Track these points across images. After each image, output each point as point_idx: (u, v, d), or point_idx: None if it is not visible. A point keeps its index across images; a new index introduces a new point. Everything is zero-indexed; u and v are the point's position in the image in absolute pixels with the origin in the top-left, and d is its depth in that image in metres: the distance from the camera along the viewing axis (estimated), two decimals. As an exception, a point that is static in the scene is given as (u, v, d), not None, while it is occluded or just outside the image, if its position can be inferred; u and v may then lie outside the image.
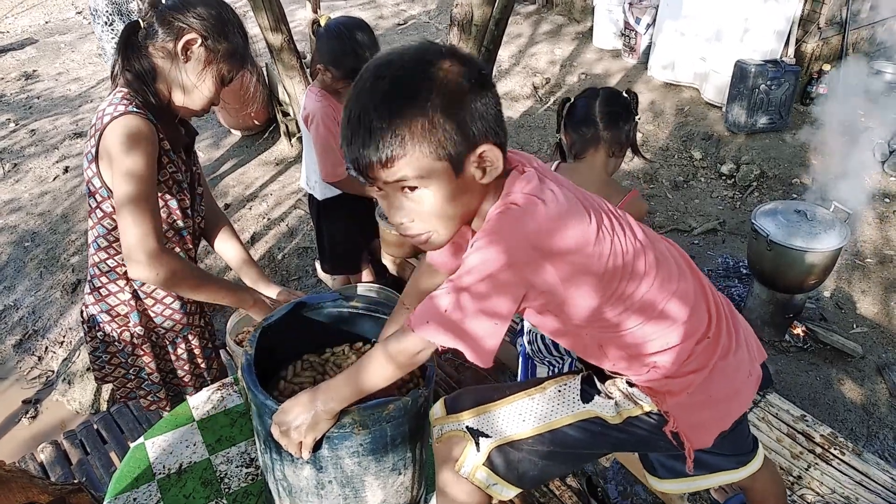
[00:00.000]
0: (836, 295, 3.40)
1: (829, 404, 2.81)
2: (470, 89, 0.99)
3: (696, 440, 1.28)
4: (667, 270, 1.19)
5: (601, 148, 1.94)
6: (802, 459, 1.93)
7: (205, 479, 1.59)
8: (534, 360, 2.12)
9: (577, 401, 1.32)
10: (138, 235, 1.46)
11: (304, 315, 1.50)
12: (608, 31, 5.99)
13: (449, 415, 1.34)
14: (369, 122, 0.97)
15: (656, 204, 4.19)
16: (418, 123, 0.96)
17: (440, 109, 0.97)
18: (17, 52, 7.06)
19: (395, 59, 1.00)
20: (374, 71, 1.00)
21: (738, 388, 1.30)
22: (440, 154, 0.99)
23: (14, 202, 4.45)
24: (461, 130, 0.98)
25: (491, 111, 1.02)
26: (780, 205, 2.92)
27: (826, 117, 4.88)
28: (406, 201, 1.05)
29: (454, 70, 0.99)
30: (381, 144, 0.97)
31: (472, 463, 1.29)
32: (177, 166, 1.64)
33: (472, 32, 2.78)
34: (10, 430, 2.87)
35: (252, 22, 3.82)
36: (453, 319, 1.05)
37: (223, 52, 1.52)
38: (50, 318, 3.46)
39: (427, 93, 0.96)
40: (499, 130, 1.04)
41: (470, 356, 1.06)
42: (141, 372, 1.83)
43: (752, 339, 1.37)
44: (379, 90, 0.98)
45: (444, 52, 1.01)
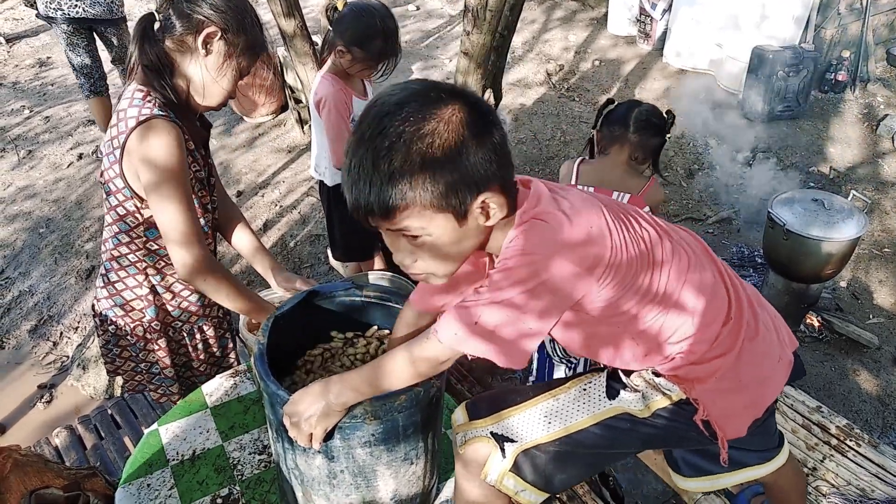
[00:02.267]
0: (853, 285, 3.36)
1: (844, 395, 2.78)
2: (474, 138, 0.97)
3: (728, 429, 1.25)
4: (683, 259, 1.18)
5: (625, 149, 2.09)
6: (818, 451, 1.91)
7: (218, 466, 1.60)
8: (552, 361, 2.12)
9: (604, 398, 1.29)
10: (185, 241, 1.51)
11: (317, 304, 1.50)
12: (623, 17, 5.92)
13: (472, 420, 1.33)
14: (370, 175, 0.97)
15: (671, 192, 4.15)
16: (420, 179, 0.96)
17: (444, 163, 0.96)
18: (31, 38, 7.09)
19: (398, 106, 0.97)
20: (375, 120, 0.97)
21: (768, 372, 1.28)
22: (442, 206, 0.99)
23: (29, 189, 4.48)
24: (464, 182, 0.98)
25: (496, 155, 1.00)
26: (797, 193, 2.88)
27: (844, 105, 4.81)
28: (408, 245, 1.06)
29: (457, 120, 0.97)
30: (381, 198, 0.97)
31: (499, 470, 1.27)
32: (199, 164, 1.63)
33: (486, 18, 2.75)
34: (26, 414, 2.89)
35: (265, 8, 3.81)
36: (488, 329, 1.05)
37: (242, 45, 1.49)
38: (65, 304, 3.48)
39: (429, 148, 0.95)
40: (504, 171, 1.03)
41: (502, 363, 1.07)
42: (153, 367, 1.84)
43: (781, 326, 1.34)
44: (381, 142, 0.96)
45: (449, 97, 0.98)
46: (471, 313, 1.05)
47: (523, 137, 4.72)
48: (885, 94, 4.87)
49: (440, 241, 1.04)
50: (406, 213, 0.99)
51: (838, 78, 4.81)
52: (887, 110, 4.68)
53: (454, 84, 1.05)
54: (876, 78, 4.98)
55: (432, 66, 5.80)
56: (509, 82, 5.34)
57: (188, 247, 1.52)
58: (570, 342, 1.23)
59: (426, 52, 6.10)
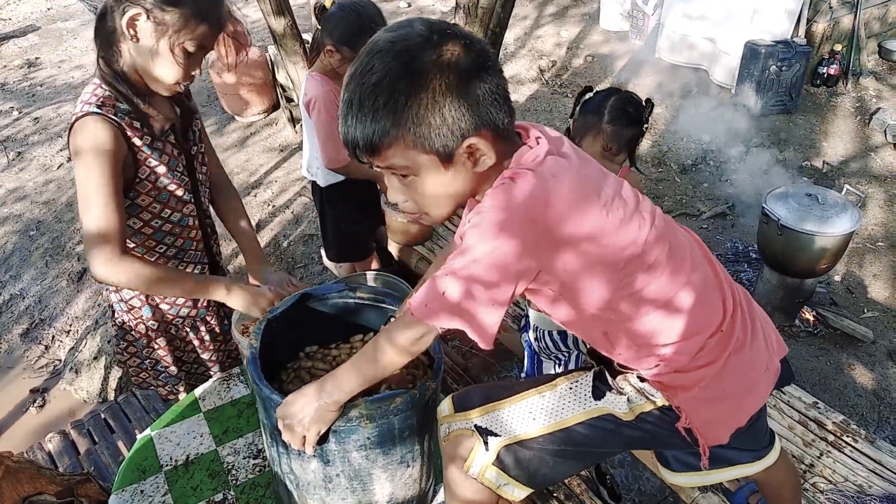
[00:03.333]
0: (847, 279, 3.36)
1: (839, 389, 2.78)
2: (465, 81, 0.96)
3: (709, 436, 1.25)
4: (680, 260, 1.16)
5: (598, 139, 1.96)
6: (815, 447, 1.91)
7: (212, 471, 1.58)
8: (540, 357, 2.11)
9: (589, 398, 1.29)
10: (91, 239, 1.43)
11: (310, 306, 1.48)
12: (615, 12, 5.91)
13: (457, 412, 1.32)
14: (359, 108, 0.97)
15: (664, 188, 4.14)
16: (403, 119, 0.96)
17: (428, 105, 0.95)
18: (19, 39, 7.03)
19: (391, 44, 0.97)
20: (367, 57, 0.98)
21: (753, 382, 1.26)
22: (427, 147, 0.98)
23: (18, 191, 4.44)
24: (447, 125, 0.97)
25: (489, 100, 0.99)
26: (791, 188, 2.88)
27: (837, 98, 4.81)
28: (398, 182, 1.07)
29: (448, 61, 0.96)
30: (366, 134, 0.98)
31: (481, 462, 1.27)
32: (167, 153, 1.56)
33: (477, 15, 2.73)
34: (19, 419, 2.87)
35: (254, 7, 3.78)
36: (452, 301, 1.03)
37: (175, 22, 1.37)
38: (56, 307, 3.46)
39: (416, 88, 0.95)
40: (497, 117, 1.01)
41: (471, 335, 1.06)
42: (157, 364, 1.82)
43: (771, 332, 1.33)
44: (371, 77, 0.96)
45: (445, 38, 0.97)
46: (438, 284, 1.04)
47: (516, 134, 4.70)
48: (877, 88, 4.88)
49: (427, 181, 1.03)
50: (391, 150, 0.99)
51: (830, 72, 4.81)
52: (879, 104, 4.69)
53: (455, 25, 1.02)
54: (868, 71, 4.99)
55: (424, 63, 5.77)
56: (502, 79, 5.32)
57: (94, 246, 1.43)
58: (572, 331, 1.22)
59: (418, 49, 6.07)
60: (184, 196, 1.63)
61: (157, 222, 1.60)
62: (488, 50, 1.02)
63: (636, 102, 2.00)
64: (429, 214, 1.11)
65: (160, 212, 1.59)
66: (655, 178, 4.22)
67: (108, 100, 1.44)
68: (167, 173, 1.56)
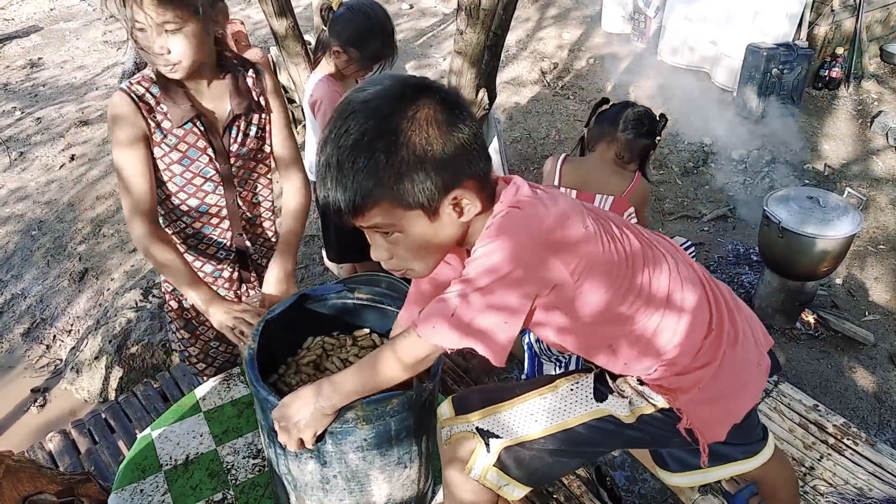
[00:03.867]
0: (849, 282, 3.36)
1: (840, 392, 2.78)
2: (442, 136, 0.96)
3: (709, 435, 1.26)
4: (666, 270, 1.19)
5: (612, 147, 2.08)
6: (815, 450, 1.91)
7: (212, 471, 1.58)
8: (540, 359, 2.11)
9: (591, 399, 1.30)
10: (126, 212, 1.57)
11: (308, 307, 1.48)
12: (617, 14, 5.91)
13: (458, 415, 1.32)
14: (338, 171, 0.96)
15: (666, 190, 4.14)
16: (386, 176, 0.95)
17: (409, 162, 0.94)
18: (22, 39, 7.05)
19: (364, 104, 0.96)
20: (341, 119, 0.96)
21: (748, 379, 1.29)
22: (411, 203, 0.98)
23: (21, 191, 4.45)
24: (431, 180, 0.96)
25: (467, 151, 0.99)
26: (792, 191, 2.88)
27: (839, 101, 4.81)
28: (382, 241, 1.06)
29: (424, 117, 0.95)
30: (351, 195, 0.97)
31: (483, 464, 1.27)
32: (186, 141, 1.59)
33: (479, 17, 2.73)
34: (20, 418, 2.88)
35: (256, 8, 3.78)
36: (464, 320, 1.03)
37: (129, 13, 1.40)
38: (57, 307, 3.46)
39: (395, 146, 0.94)
40: (477, 167, 1.01)
41: (483, 353, 1.05)
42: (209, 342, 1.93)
43: (757, 327, 1.35)
44: (348, 139, 0.95)
45: (417, 93, 0.96)
46: (447, 305, 1.05)
47: (518, 136, 4.71)
48: (879, 91, 4.87)
49: (413, 237, 1.03)
50: (374, 210, 0.98)
51: (832, 75, 4.81)
52: (881, 107, 4.68)
53: (426, 79, 1.02)
54: (870, 75, 4.98)
55: (426, 64, 5.78)
56: (503, 81, 5.33)
57: (129, 219, 1.57)
58: (566, 344, 1.22)
59: (420, 50, 6.08)
60: (204, 186, 1.66)
61: (174, 201, 1.68)
62: (463, 101, 1.02)
63: (651, 116, 2.12)
64: (414, 270, 1.11)
65: (176, 192, 1.66)
66: (657, 181, 4.21)
67: (144, 79, 1.53)
68: (181, 160, 1.60)
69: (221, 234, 1.77)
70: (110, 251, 3.82)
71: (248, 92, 1.63)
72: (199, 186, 1.67)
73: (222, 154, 1.65)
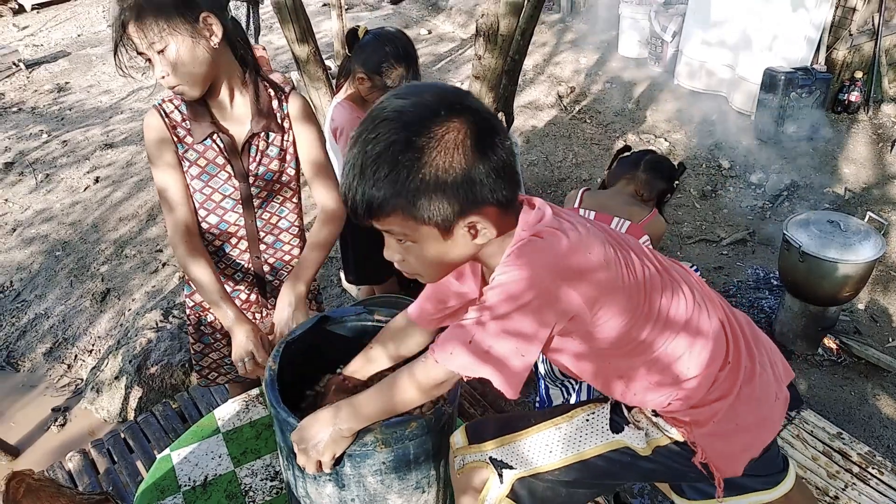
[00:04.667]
0: (871, 307, 3.31)
1: (864, 420, 2.73)
2: (468, 160, 0.95)
3: (725, 470, 1.24)
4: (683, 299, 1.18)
5: (632, 183, 2.21)
6: (839, 479, 1.87)
7: (230, 492, 1.59)
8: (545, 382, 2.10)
9: (607, 430, 1.28)
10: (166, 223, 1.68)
11: (328, 329, 1.49)
12: (633, 39, 5.95)
13: (471, 444, 1.32)
14: (360, 174, 0.97)
15: (684, 214, 4.13)
16: (405, 191, 0.95)
17: (429, 181, 0.95)
18: (50, 64, 7.23)
19: (398, 114, 0.96)
20: (373, 123, 0.97)
21: (766, 413, 1.26)
22: (425, 220, 0.98)
23: (46, 212, 4.54)
24: (449, 202, 0.96)
25: (494, 177, 0.98)
26: (812, 215, 2.86)
27: (858, 125, 4.78)
28: (395, 244, 1.07)
29: (453, 139, 0.95)
30: (369, 199, 0.97)
31: (496, 495, 1.26)
32: (206, 157, 1.63)
33: (497, 43, 2.77)
34: (40, 437, 2.90)
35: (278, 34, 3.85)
36: (481, 349, 1.03)
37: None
38: (79, 327, 3.51)
39: (419, 164, 0.94)
40: (502, 193, 1.00)
41: (497, 384, 1.05)
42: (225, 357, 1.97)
43: (777, 359, 1.32)
44: (375, 146, 0.95)
45: (453, 113, 0.96)
46: (465, 332, 1.05)
47: (535, 160, 4.73)
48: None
49: (424, 249, 1.04)
50: (390, 218, 0.99)
51: (851, 98, 4.79)
52: (902, 130, 4.65)
53: (467, 97, 1.01)
54: (889, 98, 4.95)
55: (444, 89, 5.83)
56: (520, 105, 5.36)
57: (170, 235, 1.67)
58: (581, 373, 1.21)
59: (438, 75, 6.15)
60: (223, 202, 1.69)
61: (200, 214, 1.72)
62: (497, 126, 1.01)
63: (670, 163, 2.28)
64: (422, 277, 1.12)
65: (198, 208, 1.70)
66: (675, 204, 4.20)
67: (176, 96, 1.58)
68: (200, 175, 1.65)
69: (239, 256, 1.80)
70: (132, 272, 3.87)
71: (269, 113, 1.64)
72: (219, 203, 1.69)
73: (241, 172, 1.67)
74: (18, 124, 5.85)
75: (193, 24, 1.43)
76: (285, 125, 1.68)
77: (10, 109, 6.19)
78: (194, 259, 1.64)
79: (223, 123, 1.63)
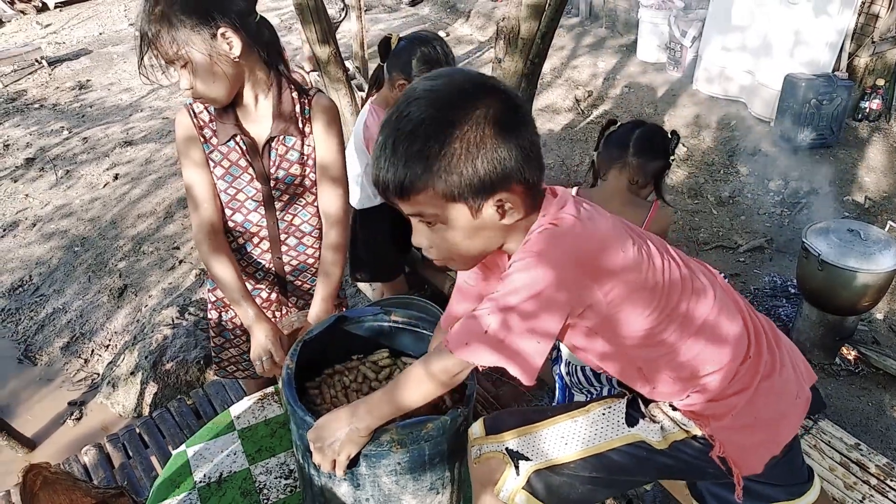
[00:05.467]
0: (890, 318, 3.27)
1: (882, 431, 2.70)
2: (497, 136, 0.97)
3: (744, 465, 1.23)
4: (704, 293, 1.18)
5: (624, 172, 1.97)
6: (857, 490, 1.85)
7: (244, 490, 1.60)
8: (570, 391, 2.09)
9: (623, 424, 1.28)
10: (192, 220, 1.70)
11: (346, 329, 1.50)
12: (652, 43, 5.92)
13: (488, 435, 1.32)
14: (392, 152, 0.99)
15: (701, 220, 4.10)
16: (435, 167, 0.97)
17: (461, 156, 0.96)
18: (72, 62, 7.31)
19: (429, 92, 0.99)
20: (405, 103, 0.99)
21: (786, 409, 1.25)
22: (456, 197, 0.99)
23: (65, 207, 4.59)
24: (479, 177, 0.98)
25: (521, 155, 1.00)
26: (832, 223, 2.83)
27: (879, 133, 4.73)
28: (425, 229, 1.08)
29: (482, 115, 0.97)
30: (397, 179, 0.99)
31: (512, 487, 1.26)
32: (229, 159, 1.64)
33: (518, 46, 2.76)
34: (56, 430, 2.93)
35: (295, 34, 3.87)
36: (497, 338, 1.04)
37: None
38: (97, 322, 3.54)
39: (450, 138, 0.96)
40: (528, 173, 1.01)
41: (514, 373, 1.06)
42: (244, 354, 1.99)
43: (799, 361, 1.32)
44: (407, 124, 0.98)
45: (482, 92, 0.98)
46: (480, 322, 1.05)
47: (551, 163, 4.72)
48: (922, 123, 4.78)
49: (454, 230, 1.05)
50: (420, 196, 1.00)
51: (873, 106, 4.74)
52: (924, 139, 4.59)
53: (495, 80, 1.03)
54: (912, 106, 4.89)
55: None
56: (538, 108, 5.36)
57: (195, 232, 1.69)
58: (606, 368, 1.21)
59: (455, 77, 6.14)
60: (246, 203, 1.71)
61: (226, 213, 1.73)
62: (525, 106, 1.03)
63: (662, 134, 2.00)
64: (454, 261, 1.12)
65: (223, 207, 1.72)
66: (692, 210, 4.18)
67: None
68: (224, 175, 1.67)
69: (261, 255, 1.81)
70: (149, 268, 3.91)
71: (290, 117, 1.64)
72: (242, 203, 1.71)
73: (262, 175, 1.68)
74: (40, 121, 5.92)
75: (211, 41, 1.44)
76: (306, 130, 1.67)
77: (32, 106, 6.27)
78: (217, 257, 1.66)
79: (246, 125, 1.64)
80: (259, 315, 1.64)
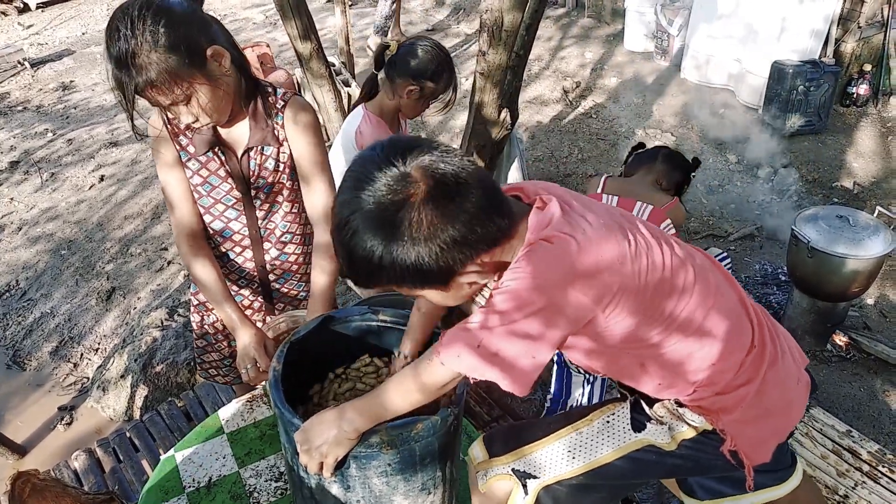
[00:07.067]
0: (881, 303, 3.28)
1: (873, 417, 2.70)
2: (442, 223, 0.94)
3: (754, 456, 1.22)
4: (705, 285, 1.15)
5: (651, 172, 2.31)
6: (849, 477, 1.85)
7: (234, 493, 1.58)
8: (570, 371, 2.08)
9: (629, 430, 1.26)
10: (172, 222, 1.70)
11: (333, 329, 1.48)
12: (639, 33, 5.91)
13: (492, 458, 1.30)
14: (350, 268, 1.02)
15: (691, 209, 4.10)
16: (397, 277, 0.98)
17: (415, 263, 0.96)
18: (55, 63, 7.23)
19: (364, 216, 0.96)
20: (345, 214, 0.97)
21: (792, 396, 1.25)
22: (422, 285, 1.01)
23: (51, 210, 4.54)
24: (438, 272, 0.98)
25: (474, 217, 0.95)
26: (821, 210, 2.83)
27: (867, 118, 4.74)
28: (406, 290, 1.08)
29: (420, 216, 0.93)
30: (364, 282, 1.03)
31: None
32: (208, 168, 1.61)
33: (501, 38, 2.74)
34: (46, 436, 2.91)
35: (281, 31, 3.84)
36: (489, 352, 1.02)
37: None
38: (85, 326, 3.51)
39: (402, 257, 0.95)
40: (488, 229, 0.98)
41: (507, 387, 1.04)
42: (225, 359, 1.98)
43: (793, 345, 1.32)
44: (356, 253, 0.98)
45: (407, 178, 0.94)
46: (474, 336, 1.04)
47: (540, 155, 4.70)
48: (909, 107, 4.79)
49: (432, 299, 1.07)
50: (384, 283, 1.01)
51: (860, 92, 4.75)
52: (911, 123, 4.61)
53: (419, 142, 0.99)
54: (899, 91, 4.90)
55: (449, 84, 5.81)
56: (525, 100, 5.33)
57: (175, 235, 1.70)
58: (595, 367, 1.20)
59: (443, 70, 6.11)
60: (226, 212, 1.69)
61: (206, 219, 1.71)
62: (460, 169, 0.96)
63: (684, 157, 2.39)
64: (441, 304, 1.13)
65: (204, 213, 1.70)
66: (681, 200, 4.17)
67: None
68: (203, 184, 1.64)
69: (244, 262, 1.80)
70: (137, 270, 3.88)
71: (265, 125, 1.59)
72: (222, 212, 1.70)
73: (242, 183, 1.66)
74: (24, 123, 5.85)
75: (206, 66, 1.38)
76: (280, 136, 1.62)
77: (15, 108, 6.20)
78: (197, 258, 1.64)
79: (224, 136, 1.61)
80: (243, 319, 1.62)
